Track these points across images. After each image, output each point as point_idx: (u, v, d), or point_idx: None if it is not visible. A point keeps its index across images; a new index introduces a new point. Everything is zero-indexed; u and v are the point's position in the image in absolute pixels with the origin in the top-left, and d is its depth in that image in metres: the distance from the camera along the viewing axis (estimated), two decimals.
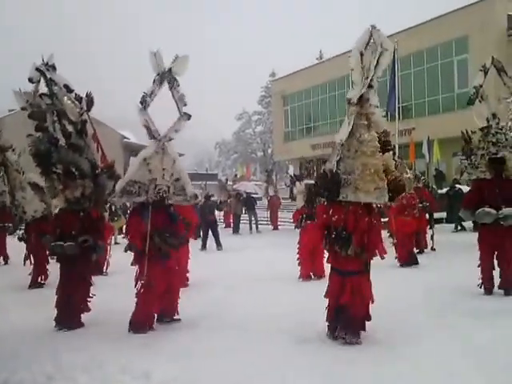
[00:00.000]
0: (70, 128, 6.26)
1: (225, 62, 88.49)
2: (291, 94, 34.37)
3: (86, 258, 6.41)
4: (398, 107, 21.54)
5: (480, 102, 7.26)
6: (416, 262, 10.12)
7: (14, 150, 9.90)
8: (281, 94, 35.41)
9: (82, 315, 6.36)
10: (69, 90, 6.30)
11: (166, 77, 5.95)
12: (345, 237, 5.08)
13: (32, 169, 7.16)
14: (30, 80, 6.36)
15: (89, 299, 6.47)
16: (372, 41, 5.25)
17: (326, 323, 5.38)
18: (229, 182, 26.05)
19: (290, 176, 23.88)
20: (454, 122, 19.03)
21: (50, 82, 6.23)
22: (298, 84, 32.76)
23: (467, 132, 7.43)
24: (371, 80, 5.15)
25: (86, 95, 6.44)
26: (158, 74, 5.94)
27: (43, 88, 6.39)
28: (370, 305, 5.25)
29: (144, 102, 5.91)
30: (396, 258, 9.94)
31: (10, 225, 11.87)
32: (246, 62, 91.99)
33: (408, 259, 10.04)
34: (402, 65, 22.69)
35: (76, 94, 6.35)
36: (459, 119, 16.19)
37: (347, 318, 5.14)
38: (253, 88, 63.11)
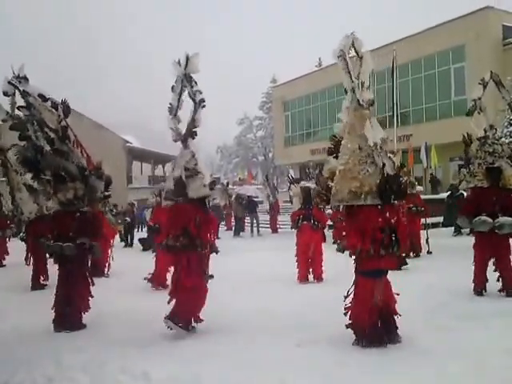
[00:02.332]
0: (52, 135, 6.27)
1: (225, 66, 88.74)
2: (291, 99, 34.74)
3: (84, 258, 6.49)
4: (397, 114, 21.94)
5: (479, 113, 7.38)
6: (405, 263, 10.12)
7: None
8: (281, 99, 35.78)
9: (82, 316, 6.38)
10: (44, 98, 6.24)
11: (184, 79, 5.95)
12: (396, 237, 5.17)
13: None
14: (5, 93, 6.38)
15: (89, 298, 6.48)
16: (352, 47, 5.40)
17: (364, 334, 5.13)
18: (230, 186, 26.26)
19: (288, 178, 24.07)
20: (450, 128, 19.40)
21: (23, 94, 6.17)
22: (298, 90, 33.12)
23: (468, 135, 7.53)
24: (363, 84, 5.34)
25: (62, 102, 6.37)
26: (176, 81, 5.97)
27: (20, 99, 6.35)
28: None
29: (172, 111, 5.99)
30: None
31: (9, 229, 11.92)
32: (247, 66, 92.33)
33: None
34: (400, 72, 23.08)
35: (52, 102, 6.31)
36: (456, 125, 16.55)
37: (391, 319, 5.21)
38: (254, 93, 63.55)
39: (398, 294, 5.31)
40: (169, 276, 8.82)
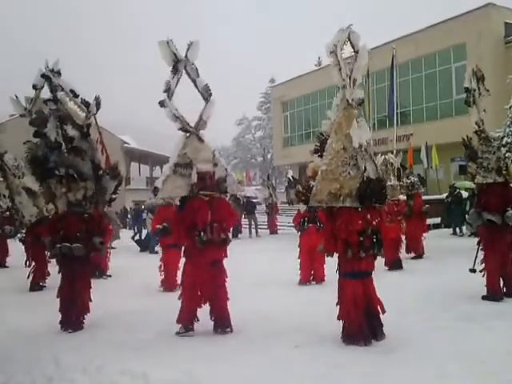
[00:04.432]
0: (73, 132, 6.34)
1: (224, 66, 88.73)
2: (290, 99, 34.56)
3: (89, 259, 6.54)
4: (397, 113, 21.69)
5: (471, 105, 7.32)
6: (400, 267, 10.19)
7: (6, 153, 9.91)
8: (280, 99, 35.61)
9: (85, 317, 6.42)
10: (75, 94, 6.40)
11: (186, 65, 5.83)
12: (378, 238, 5.20)
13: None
14: (34, 86, 6.44)
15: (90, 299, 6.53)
16: (348, 41, 5.29)
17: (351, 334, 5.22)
18: None
19: (289, 178, 23.68)
20: (451, 127, 19.19)
21: (54, 88, 6.28)
22: (297, 90, 32.95)
23: (468, 137, 7.42)
24: (355, 81, 5.25)
25: (95, 98, 6.54)
26: (176, 62, 5.82)
27: (45, 94, 6.47)
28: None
29: (168, 92, 5.80)
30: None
31: (11, 228, 12.03)
32: (246, 66, 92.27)
33: (393, 264, 10.07)
34: (400, 71, 22.84)
35: (82, 99, 6.46)
36: (457, 125, 16.33)
37: (378, 319, 5.27)
38: (253, 93, 63.36)
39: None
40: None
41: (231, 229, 6.13)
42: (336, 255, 5.39)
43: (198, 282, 5.81)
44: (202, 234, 5.71)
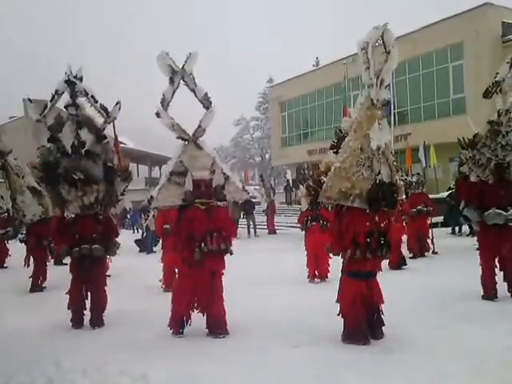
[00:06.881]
0: (86, 136, 6.46)
1: (222, 67, 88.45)
2: (288, 99, 34.52)
3: (105, 259, 6.76)
4: (394, 113, 21.70)
5: (497, 93, 7.03)
6: (404, 263, 10.22)
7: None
8: (278, 100, 35.59)
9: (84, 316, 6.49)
10: (95, 100, 6.55)
11: (183, 76, 5.78)
12: (385, 240, 5.16)
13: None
14: (57, 92, 6.52)
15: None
16: (380, 41, 5.17)
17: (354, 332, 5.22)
18: None
19: (288, 181, 23.71)
20: (449, 127, 19.18)
21: (75, 93, 6.44)
22: (294, 90, 32.91)
23: (463, 139, 7.30)
24: (382, 81, 5.15)
25: (117, 103, 6.72)
26: (173, 73, 5.76)
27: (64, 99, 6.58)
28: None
29: (163, 103, 5.77)
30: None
31: (10, 229, 12.04)
32: (244, 66, 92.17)
33: (397, 263, 10.05)
34: (397, 71, 22.85)
35: (101, 104, 6.61)
36: (455, 124, 16.35)
37: (379, 318, 5.30)
38: (251, 94, 63.32)
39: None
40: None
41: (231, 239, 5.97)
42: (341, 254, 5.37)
43: (192, 292, 5.70)
44: (203, 244, 5.56)
